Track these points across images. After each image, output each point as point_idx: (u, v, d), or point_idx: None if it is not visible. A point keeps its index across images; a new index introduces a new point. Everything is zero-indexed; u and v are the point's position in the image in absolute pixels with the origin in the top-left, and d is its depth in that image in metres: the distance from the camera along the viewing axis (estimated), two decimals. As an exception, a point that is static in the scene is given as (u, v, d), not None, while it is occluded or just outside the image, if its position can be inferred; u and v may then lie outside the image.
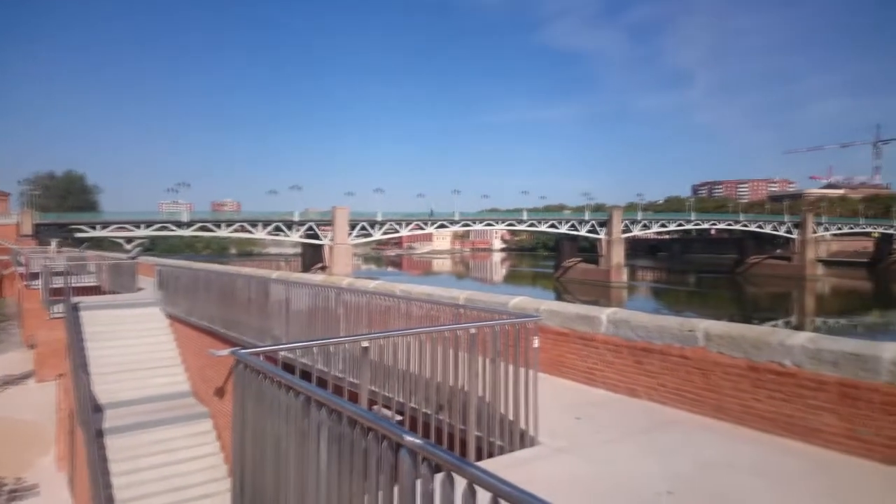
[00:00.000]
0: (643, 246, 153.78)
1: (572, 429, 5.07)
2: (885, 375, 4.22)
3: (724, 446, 4.65)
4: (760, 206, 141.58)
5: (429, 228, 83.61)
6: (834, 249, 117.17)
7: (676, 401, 5.64)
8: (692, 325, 5.61)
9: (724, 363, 5.25)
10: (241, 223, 72.41)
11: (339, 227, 72.57)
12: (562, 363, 6.87)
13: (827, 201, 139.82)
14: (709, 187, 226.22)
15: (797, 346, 4.75)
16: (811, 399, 4.63)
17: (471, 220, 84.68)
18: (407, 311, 6.34)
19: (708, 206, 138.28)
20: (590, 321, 6.55)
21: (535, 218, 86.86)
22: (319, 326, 8.05)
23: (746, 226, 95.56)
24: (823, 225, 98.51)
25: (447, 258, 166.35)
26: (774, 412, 4.87)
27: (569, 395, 6.13)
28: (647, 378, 5.95)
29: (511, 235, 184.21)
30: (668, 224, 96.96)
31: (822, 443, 4.55)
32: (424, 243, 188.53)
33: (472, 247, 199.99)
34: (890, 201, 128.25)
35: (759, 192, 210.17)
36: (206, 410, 13.09)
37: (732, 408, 5.18)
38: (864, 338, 5.43)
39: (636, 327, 6.07)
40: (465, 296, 8.31)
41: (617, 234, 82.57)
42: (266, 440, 3.16)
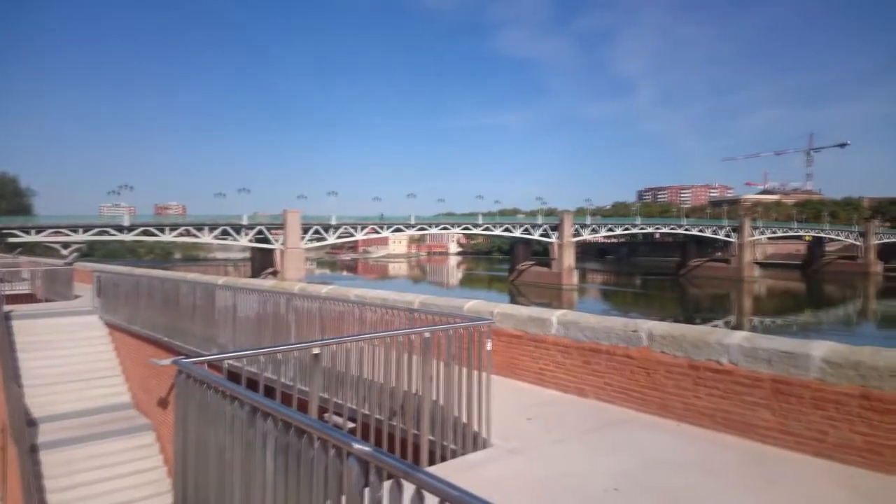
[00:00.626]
0: (593, 249, 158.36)
1: (524, 429, 5.14)
2: (814, 372, 4.49)
3: (668, 443, 4.83)
4: (702, 210, 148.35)
5: (384, 232, 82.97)
6: (769, 252, 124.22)
7: (623, 399, 5.82)
8: (636, 326, 5.80)
9: (667, 362, 5.46)
10: (186, 227, 69.76)
11: (291, 230, 71.01)
12: (515, 365, 6.96)
13: (763, 206, 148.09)
14: (653, 193, 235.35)
15: (734, 345, 4.99)
16: (747, 395, 4.87)
17: (427, 223, 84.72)
18: (360, 317, 6.27)
19: (653, 210, 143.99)
20: (541, 323, 6.67)
21: (490, 222, 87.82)
22: (269, 334, 7.85)
23: (689, 230, 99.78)
24: (759, 229, 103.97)
25: (403, 262, 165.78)
26: (714, 409, 5.09)
27: (521, 397, 6.22)
28: (594, 378, 6.11)
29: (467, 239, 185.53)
30: (615, 228, 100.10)
31: (758, 437, 4.79)
32: (380, 247, 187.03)
33: (428, 250, 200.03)
34: (821, 206, 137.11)
35: (700, 197, 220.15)
36: (147, 423, 12.54)
37: (675, 405, 5.38)
38: (796, 337, 5.77)
39: (584, 328, 6.23)
40: (420, 300, 8.30)
41: (568, 237, 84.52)
42: (209, 452, 3.05)
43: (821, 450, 4.42)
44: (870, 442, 4.17)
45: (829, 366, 4.39)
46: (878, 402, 4.13)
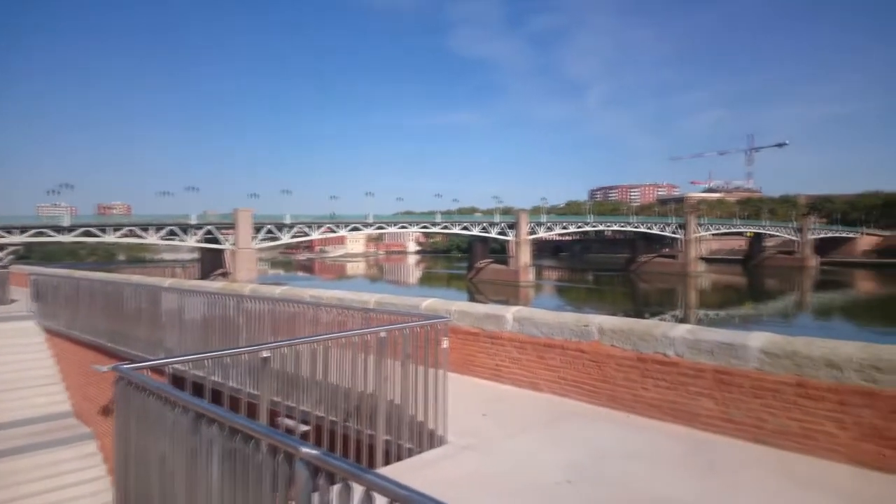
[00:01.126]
0: (548, 246, 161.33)
1: (479, 426, 5.18)
2: (753, 362, 4.71)
3: (618, 434, 4.97)
4: (650, 208, 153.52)
5: (341, 231, 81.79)
6: (713, 248, 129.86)
7: (575, 392, 5.95)
8: (587, 321, 5.94)
9: (617, 355, 5.62)
10: (130, 227, 66.64)
11: (242, 230, 68.98)
12: (471, 362, 7.01)
13: (707, 204, 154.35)
14: (604, 191, 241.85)
15: (678, 338, 5.18)
16: (692, 386, 5.07)
17: (385, 222, 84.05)
18: (315, 318, 6.16)
19: (604, 209, 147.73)
20: (497, 320, 6.74)
21: (449, 220, 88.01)
22: (217, 337, 7.61)
23: (638, 227, 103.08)
24: (704, 226, 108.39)
25: (361, 261, 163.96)
26: (661, 399, 5.28)
27: (477, 393, 6.27)
28: (548, 372, 6.22)
29: (426, 238, 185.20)
30: (569, 226, 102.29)
31: (701, 426, 4.99)
32: (337, 246, 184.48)
33: (386, 249, 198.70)
34: (761, 204, 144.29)
35: (648, 195, 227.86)
36: (90, 431, 11.99)
37: (624, 397, 5.55)
38: (738, 328, 6.04)
39: (539, 324, 6.33)
40: (377, 299, 8.24)
41: (524, 235, 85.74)
42: (151, 461, 2.93)
43: (760, 436, 4.65)
44: (805, 428, 4.42)
45: (767, 356, 4.62)
46: (813, 390, 4.38)
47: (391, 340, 4.63)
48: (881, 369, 4.06)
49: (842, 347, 4.32)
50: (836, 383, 4.25)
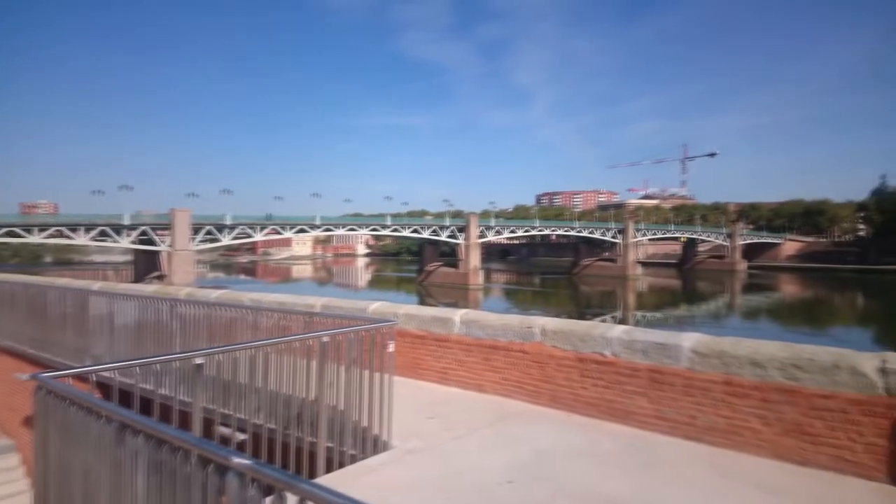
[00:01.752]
0: (496, 250, 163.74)
1: (424, 429, 5.17)
2: (684, 362, 4.94)
3: (558, 433, 5.09)
4: (591, 214, 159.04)
5: (287, 233, 79.74)
6: (650, 252, 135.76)
7: (519, 393, 6.05)
8: (531, 323, 6.06)
9: (558, 356, 5.75)
10: (58, 227, 62.47)
11: (180, 231, 66.01)
12: (419, 365, 7.00)
13: (644, 210, 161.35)
14: (550, 197, 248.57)
15: (615, 338, 5.37)
16: (627, 385, 5.26)
17: (333, 224, 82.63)
18: (254, 322, 5.96)
19: (549, 214, 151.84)
20: (444, 323, 6.77)
21: (399, 223, 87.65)
22: (150, 343, 7.25)
23: (580, 232, 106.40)
24: (641, 231, 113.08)
25: (308, 264, 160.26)
26: (599, 398, 5.45)
27: (424, 396, 6.26)
28: (493, 373, 6.30)
29: (375, 240, 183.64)
30: (517, 230, 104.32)
31: (637, 424, 5.18)
32: (282, 249, 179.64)
33: (335, 252, 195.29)
34: (693, 210, 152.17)
35: (590, 201, 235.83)
36: (11, 443, 11.24)
37: (565, 397, 5.69)
38: (672, 329, 6.33)
39: (485, 326, 6.40)
40: (322, 303, 8.09)
41: (474, 239, 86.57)
42: (73, 475, 2.75)
43: (690, 433, 4.87)
44: (732, 424, 4.66)
45: (697, 355, 4.85)
46: (739, 388, 4.63)
47: (334, 345, 4.55)
48: (801, 368, 4.34)
49: (765, 347, 4.60)
50: (760, 381, 4.52)
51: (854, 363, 4.13)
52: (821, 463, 4.23)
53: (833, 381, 4.19)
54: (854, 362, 4.14)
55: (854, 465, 4.10)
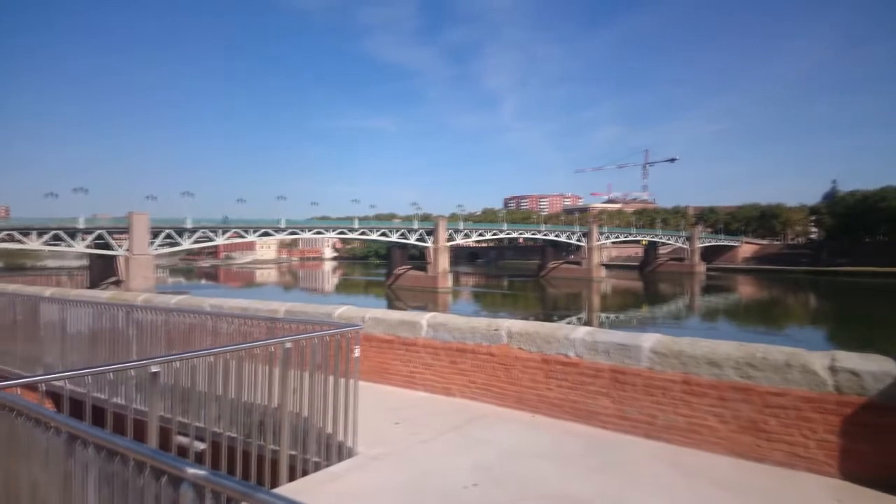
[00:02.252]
0: (465, 253, 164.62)
1: (391, 434, 5.14)
2: (645, 362, 5.05)
3: (524, 435, 5.13)
4: (557, 217, 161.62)
5: (250, 236, 78.05)
6: (613, 255, 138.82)
7: (485, 395, 6.08)
8: (497, 325, 6.10)
9: (523, 358, 5.81)
10: (8, 231, 59.49)
11: (138, 235, 63.79)
12: (386, 370, 6.95)
13: (607, 214, 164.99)
14: (517, 200, 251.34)
15: (579, 340, 5.45)
16: (590, 385, 5.35)
17: (299, 227, 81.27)
18: (214, 329, 5.82)
19: (517, 217, 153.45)
20: (411, 327, 6.74)
21: (367, 226, 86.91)
22: (105, 351, 6.98)
23: (547, 235, 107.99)
24: (605, 234, 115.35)
25: (273, 268, 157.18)
26: (563, 399, 5.52)
27: (391, 401, 6.22)
28: (460, 377, 6.31)
29: (343, 244, 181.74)
30: (485, 233, 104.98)
31: (600, 424, 5.27)
32: (245, 252, 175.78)
33: (301, 255, 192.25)
34: (654, 214, 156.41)
35: (556, 205, 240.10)
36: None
37: (530, 398, 5.74)
38: (634, 329, 6.48)
39: (452, 330, 6.41)
40: (286, 308, 7.95)
41: (443, 242, 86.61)
42: (22, 489, 2.63)
43: (651, 432, 4.98)
44: (690, 423, 4.79)
45: (657, 355, 4.97)
46: (697, 387, 4.76)
47: (296, 351, 4.47)
48: (755, 366, 4.50)
49: (721, 346, 4.75)
50: (716, 380, 4.66)
51: (805, 361, 4.30)
52: (776, 459, 4.38)
53: (785, 379, 4.35)
54: (805, 360, 4.31)
55: (807, 461, 4.25)
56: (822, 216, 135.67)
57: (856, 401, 4.07)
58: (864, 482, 3.99)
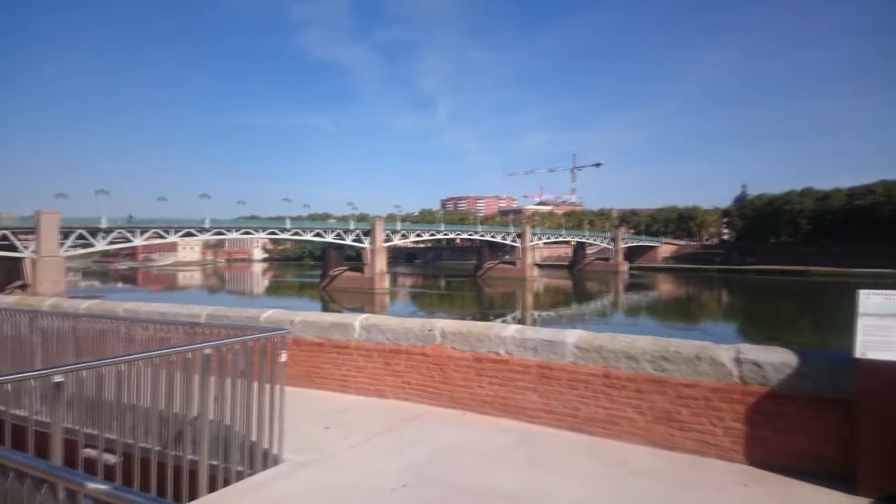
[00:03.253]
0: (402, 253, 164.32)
1: (320, 439, 5.04)
2: (569, 357, 5.25)
3: (455, 433, 5.18)
4: (493, 219, 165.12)
5: (172, 237, 73.81)
6: (545, 255, 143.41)
7: (419, 396, 6.09)
8: (431, 325, 6.13)
9: (456, 357, 5.87)
10: None
11: (46, 235, 58.83)
12: (316, 374, 6.81)
13: (539, 216, 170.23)
14: (454, 201, 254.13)
15: (509, 337, 5.59)
16: (519, 381, 5.49)
17: (225, 227, 77.66)
18: (128, 335, 5.47)
19: (454, 218, 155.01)
20: (344, 329, 6.64)
21: (300, 227, 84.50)
22: (7, 360, 6.40)
23: (483, 236, 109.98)
24: (538, 235, 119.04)
25: (197, 270, 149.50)
26: (493, 396, 5.63)
27: (321, 406, 6.09)
28: (394, 378, 6.29)
29: (274, 244, 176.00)
30: (423, 234, 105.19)
31: (528, 418, 5.42)
32: (167, 254, 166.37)
33: (228, 257, 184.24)
34: (582, 216, 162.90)
35: (492, 206, 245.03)
36: None
37: (462, 396, 5.82)
38: (562, 326, 6.71)
39: (386, 331, 6.37)
40: (208, 312, 7.61)
41: (380, 243, 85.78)
42: None
43: (574, 424, 5.18)
44: (610, 414, 5.02)
45: (580, 350, 5.18)
46: (616, 380, 5.00)
47: (216, 356, 4.28)
48: (669, 359, 4.78)
49: (638, 341, 5.01)
50: (634, 373, 4.91)
51: (713, 354, 4.62)
52: (688, 447, 4.67)
53: (696, 371, 4.65)
54: (713, 353, 4.63)
55: (716, 447, 4.56)
56: (733, 218, 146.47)
57: (759, 390, 4.40)
58: (767, 466, 4.31)
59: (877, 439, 3.79)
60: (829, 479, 4.01)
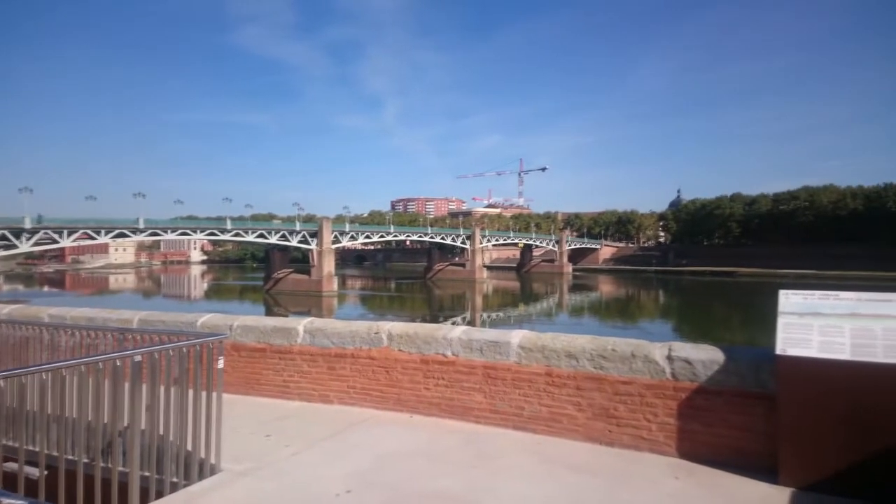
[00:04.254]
0: (351, 255, 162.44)
1: (261, 447, 4.90)
2: (513, 357, 5.34)
3: (401, 436, 5.17)
4: (443, 221, 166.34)
5: (104, 238, 69.68)
6: (494, 257, 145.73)
7: (364, 400, 6.03)
8: (378, 328, 6.08)
9: (403, 359, 5.86)
10: None
11: (-39, 235, 54.42)
12: (257, 380, 6.61)
13: (488, 218, 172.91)
14: (404, 203, 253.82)
15: (455, 339, 5.63)
16: (466, 382, 5.54)
17: (161, 228, 74.08)
18: (52, 342, 5.14)
19: (404, 220, 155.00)
20: (286, 333, 6.48)
21: (242, 227, 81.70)
22: None
23: (433, 238, 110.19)
24: (487, 237, 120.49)
25: (131, 273, 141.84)
26: (440, 397, 5.66)
27: (262, 413, 5.92)
28: (339, 383, 6.19)
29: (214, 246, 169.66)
30: (372, 236, 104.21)
31: (474, 419, 5.47)
32: (98, 256, 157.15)
33: (164, 259, 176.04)
34: (529, 219, 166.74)
35: (441, 209, 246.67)
36: None
37: (409, 399, 5.81)
38: (506, 327, 6.82)
39: (331, 335, 6.27)
40: (141, 317, 7.25)
41: (327, 244, 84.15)
42: None
43: (519, 423, 5.28)
44: (552, 412, 5.15)
45: (524, 350, 5.28)
46: (558, 378, 5.13)
47: (151, 363, 4.09)
48: (606, 357, 4.95)
49: (577, 340, 5.17)
50: (574, 371, 5.05)
51: (647, 352, 4.82)
52: (624, 443, 4.84)
53: (631, 369, 4.84)
54: (647, 351, 4.83)
55: (650, 442, 4.75)
56: (669, 222, 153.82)
57: (689, 386, 4.62)
58: (697, 459, 4.52)
59: (796, 431, 4.04)
60: (753, 470, 4.25)
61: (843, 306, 4.13)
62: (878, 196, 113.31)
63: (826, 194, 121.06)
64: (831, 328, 4.08)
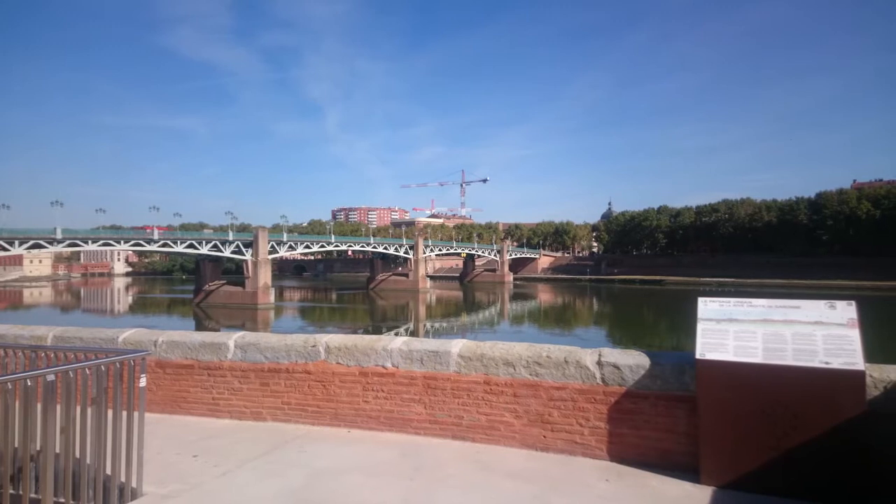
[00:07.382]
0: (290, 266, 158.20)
1: (187, 468, 4.66)
2: (453, 367, 5.36)
3: (337, 451, 5.06)
4: (386, 230, 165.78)
5: (16, 249, 64.46)
6: (437, 267, 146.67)
7: (299, 416, 5.86)
8: (315, 341, 5.95)
9: (341, 372, 5.75)
10: None
11: None
12: (184, 399, 6.29)
13: (431, 228, 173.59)
14: (345, 212, 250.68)
15: (395, 350, 5.59)
16: (405, 393, 5.51)
17: (81, 238, 69.28)
18: (-48, 362, 4.67)
19: (346, 229, 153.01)
20: (216, 349, 6.21)
21: (170, 237, 77.75)
22: None
23: (376, 248, 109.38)
24: (430, 247, 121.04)
25: (47, 286, 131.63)
26: (379, 410, 5.59)
27: (189, 433, 5.63)
28: (272, 399, 6.00)
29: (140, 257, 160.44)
30: (312, 245, 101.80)
31: (413, 430, 5.45)
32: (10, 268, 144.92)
33: (84, 271, 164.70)
34: (471, 229, 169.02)
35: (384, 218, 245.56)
36: None
37: (347, 413, 5.70)
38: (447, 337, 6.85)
39: (265, 349, 6.07)
40: (56, 333, 6.76)
41: (263, 255, 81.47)
42: None
43: (458, 433, 5.30)
44: (490, 420, 5.20)
45: (463, 360, 5.32)
46: (496, 386, 5.20)
47: (66, 383, 3.82)
48: (541, 364, 5.07)
49: (515, 348, 5.26)
50: (511, 379, 5.14)
51: (578, 358, 4.98)
52: (558, 447, 4.96)
53: (565, 375, 4.98)
54: (579, 357, 4.99)
55: (583, 446, 4.89)
56: (601, 233, 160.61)
57: (618, 391, 4.81)
58: (627, 462, 4.70)
59: (714, 432, 4.29)
60: (678, 470, 4.47)
61: (756, 313, 4.45)
62: (790, 209, 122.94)
63: (743, 207, 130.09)
64: (745, 333, 4.37)
